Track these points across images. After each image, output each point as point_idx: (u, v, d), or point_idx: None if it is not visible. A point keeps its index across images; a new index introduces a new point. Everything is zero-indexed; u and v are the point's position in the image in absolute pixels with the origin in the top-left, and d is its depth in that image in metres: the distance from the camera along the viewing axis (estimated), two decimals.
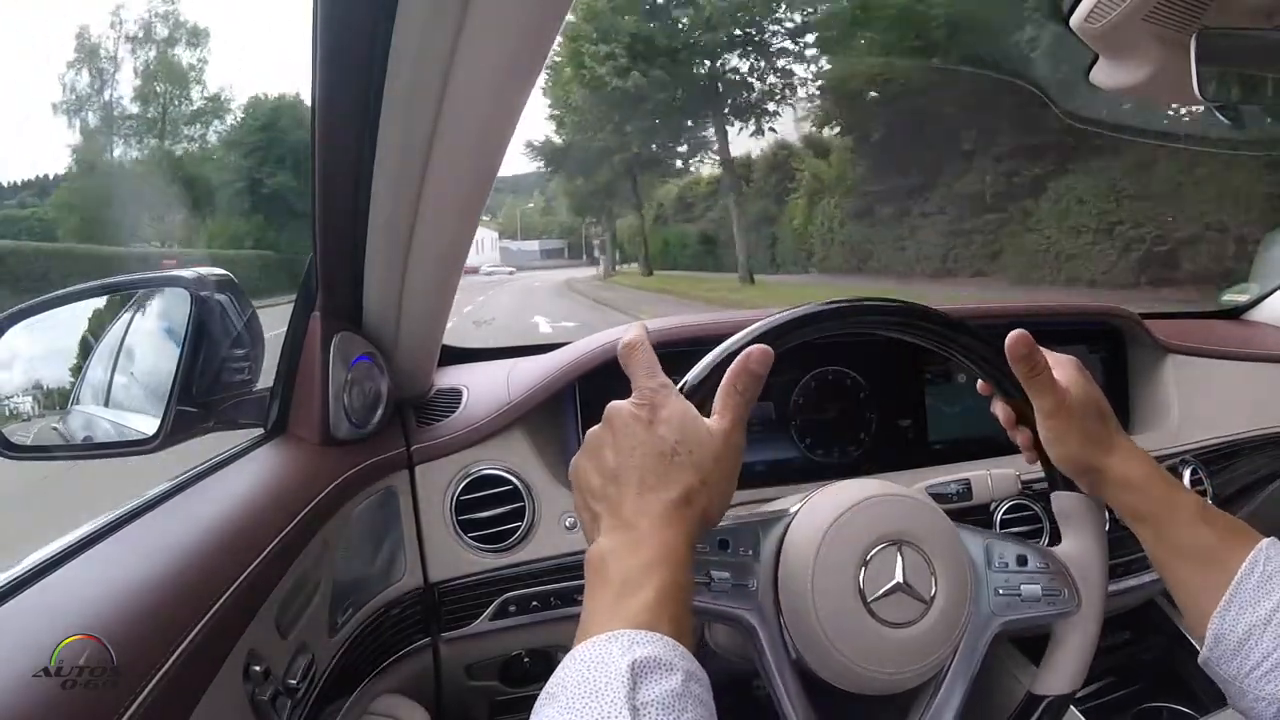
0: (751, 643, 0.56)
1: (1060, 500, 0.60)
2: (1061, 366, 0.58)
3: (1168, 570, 0.55)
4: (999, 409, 0.61)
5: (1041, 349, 0.60)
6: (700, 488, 0.46)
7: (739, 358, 0.50)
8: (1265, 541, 0.51)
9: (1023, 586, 0.58)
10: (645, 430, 0.46)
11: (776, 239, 20.98)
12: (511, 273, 36.87)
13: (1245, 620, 0.49)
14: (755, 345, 0.50)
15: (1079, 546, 0.59)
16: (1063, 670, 0.59)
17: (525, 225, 57.38)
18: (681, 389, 0.50)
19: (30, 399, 0.70)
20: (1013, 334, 0.56)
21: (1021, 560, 0.59)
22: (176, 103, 23.66)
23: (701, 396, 0.50)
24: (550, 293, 21.25)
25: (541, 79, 0.51)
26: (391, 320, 0.74)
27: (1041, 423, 0.57)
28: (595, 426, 0.49)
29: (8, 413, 0.68)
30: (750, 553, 0.57)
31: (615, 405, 0.48)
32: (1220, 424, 1.01)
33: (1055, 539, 0.62)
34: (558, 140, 23.14)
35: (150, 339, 0.74)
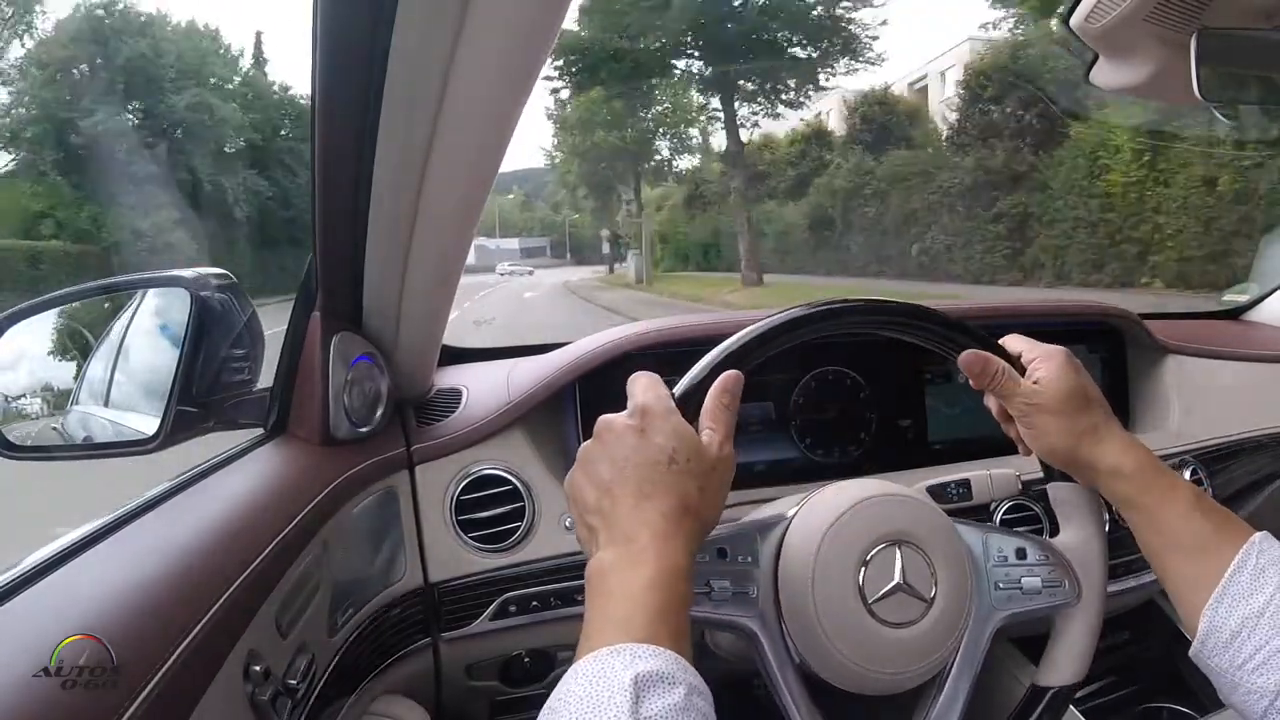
0: (754, 648, 0.56)
1: (1056, 491, 0.60)
2: (1047, 359, 0.57)
3: (1160, 560, 0.54)
4: (991, 403, 0.61)
5: (1027, 340, 0.60)
6: (698, 495, 0.46)
7: (718, 380, 0.51)
8: (1258, 535, 0.51)
9: (1023, 579, 0.58)
10: (639, 439, 0.47)
11: (1026, 225, 10.90)
12: (531, 272, 34.44)
13: (1238, 613, 0.49)
14: (728, 373, 0.51)
15: (1077, 537, 0.59)
16: (1065, 661, 0.59)
17: (503, 221, 54.52)
18: (672, 399, 0.50)
19: (39, 399, 0.70)
20: (962, 356, 0.57)
21: (1021, 553, 0.59)
22: (19, 28, 15.54)
23: (692, 407, 0.51)
24: (558, 307, 13.90)
25: None
26: (391, 320, 0.74)
27: (1019, 422, 0.58)
28: (588, 441, 0.49)
29: (15, 412, 0.69)
30: (749, 559, 0.57)
31: (606, 418, 0.49)
32: (1220, 424, 1.01)
33: (1055, 536, 0.62)
34: (579, 30, 15.04)
35: (150, 339, 0.74)
